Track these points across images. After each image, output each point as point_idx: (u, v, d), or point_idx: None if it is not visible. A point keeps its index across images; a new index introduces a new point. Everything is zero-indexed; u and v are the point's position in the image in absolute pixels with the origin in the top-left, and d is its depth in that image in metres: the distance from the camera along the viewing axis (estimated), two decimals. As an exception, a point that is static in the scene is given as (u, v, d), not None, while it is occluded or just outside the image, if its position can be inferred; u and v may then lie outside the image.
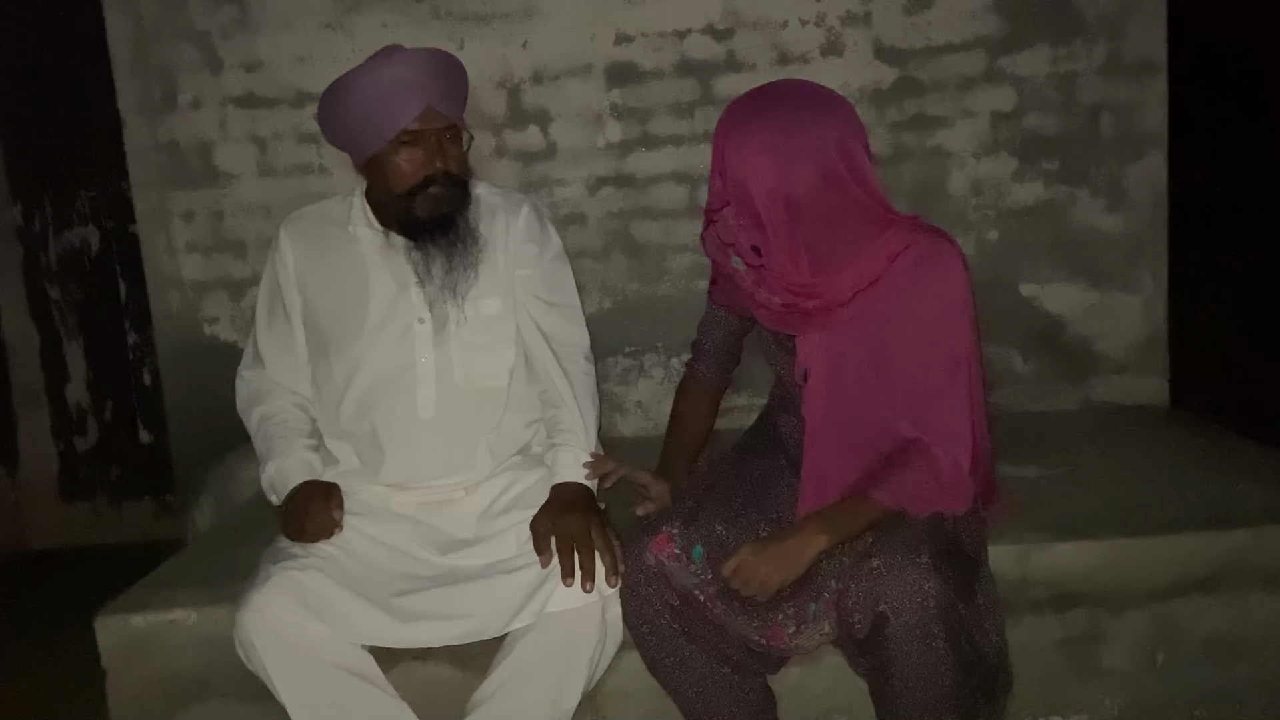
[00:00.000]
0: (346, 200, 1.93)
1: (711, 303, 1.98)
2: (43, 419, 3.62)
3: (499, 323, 1.87)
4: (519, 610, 1.65)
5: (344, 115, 1.76)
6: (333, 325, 1.86)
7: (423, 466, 1.85)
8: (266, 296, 1.95)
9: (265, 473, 1.86)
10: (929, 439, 1.65)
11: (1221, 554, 1.84)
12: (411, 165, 1.75)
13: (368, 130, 1.74)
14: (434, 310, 1.82)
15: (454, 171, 1.78)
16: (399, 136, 1.73)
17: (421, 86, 1.73)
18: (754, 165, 1.61)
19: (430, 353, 1.83)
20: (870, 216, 1.65)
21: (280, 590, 1.63)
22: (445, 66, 1.78)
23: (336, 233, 1.90)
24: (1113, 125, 2.68)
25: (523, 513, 1.78)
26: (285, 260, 1.91)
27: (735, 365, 2.02)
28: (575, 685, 1.66)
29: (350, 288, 1.86)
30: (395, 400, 1.83)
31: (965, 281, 1.66)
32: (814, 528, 1.61)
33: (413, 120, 1.72)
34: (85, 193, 3.52)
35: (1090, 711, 1.87)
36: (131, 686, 1.85)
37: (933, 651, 1.48)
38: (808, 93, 1.68)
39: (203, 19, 2.68)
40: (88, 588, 2.20)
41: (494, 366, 1.87)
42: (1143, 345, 2.75)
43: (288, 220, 1.95)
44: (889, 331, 1.67)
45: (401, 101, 1.72)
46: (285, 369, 1.93)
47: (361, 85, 1.73)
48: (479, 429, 1.87)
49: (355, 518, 1.80)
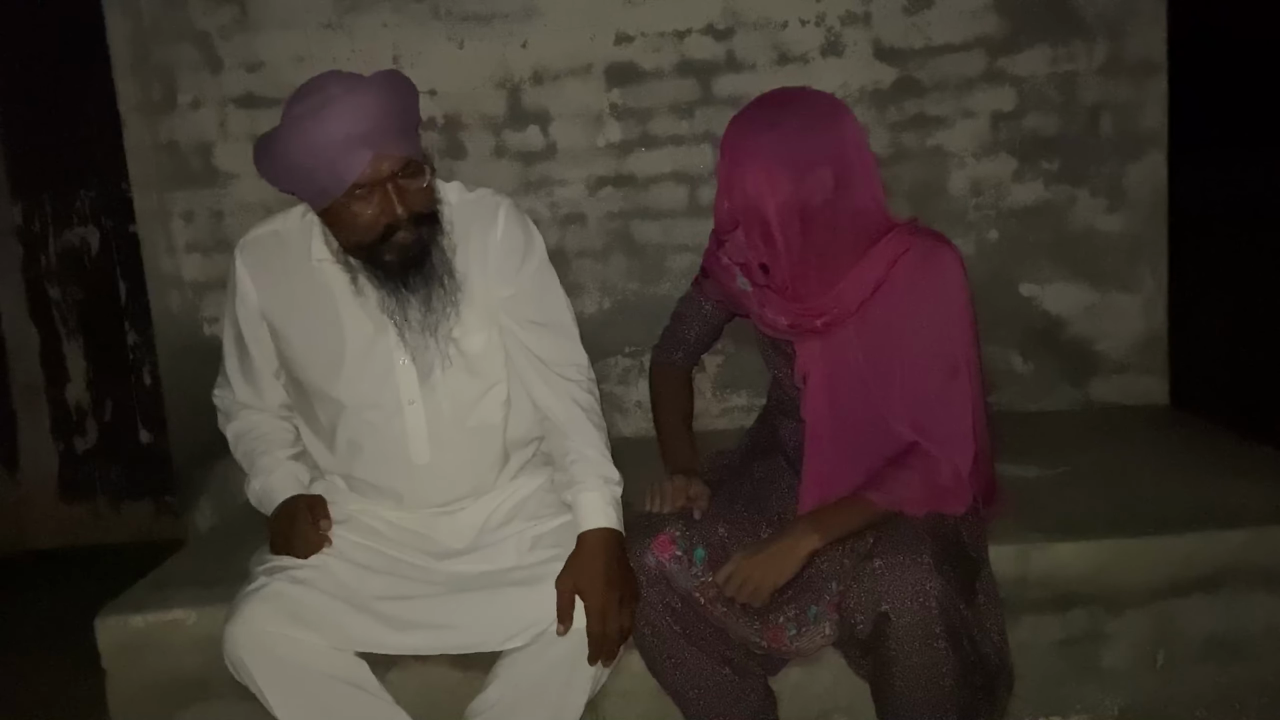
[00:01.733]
0: (305, 220, 1.74)
1: (699, 294, 1.98)
2: (43, 419, 3.61)
3: (486, 358, 1.75)
4: (516, 630, 1.62)
5: (285, 171, 1.59)
6: (308, 364, 1.74)
7: (420, 501, 1.79)
8: (231, 330, 1.81)
9: (251, 489, 1.80)
10: (928, 443, 1.65)
11: (1221, 554, 1.84)
12: (370, 215, 1.58)
13: (312, 187, 1.58)
14: (415, 353, 1.69)
15: (419, 210, 1.62)
16: (350, 191, 1.56)
17: (364, 137, 1.54)
18: (770, 179, 1.59)
19: (418, 395, 1.72)
20: (872, 221, 1.66)
21: (266, 603, 1.59)
22: (390, 102, 1.58)
23: (298, 262, 1.73)
24: (1113, 125, 2.68)
25: (524, 523, 1.75)
26: (245, 293, 1.76)
27: (704, 353, 2.05)
28: (578, 700, 1.64)
29: (321, 324, 1.72)
30: (387, 447, 1.74)
31: (964, 285, 1.67)
32: (806, 527, 1.62)
33: (360, 173, 1.55)
34: (85, 193, 3.52)
35: (1090, 711, 1.87)
36: (131, 686, 1.85)
37: (934, 651, 1.48)
38: (812, 100, 1.68)
39: (203, 19, 2.68)
40: (88, 588, 2.21)
41: (487, 403, 1.77)
42: (1143, 345, 2.75)
43: (242, 246, 1.77)
44: (889, 335, 1.67)
45: (345, 156, 1.53)
46: (254, 398, 1.84)
47: (299, 142, 1.55)
48: (479, 465, 1.79)
49: (345, 528, 1.74)
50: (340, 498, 1.80)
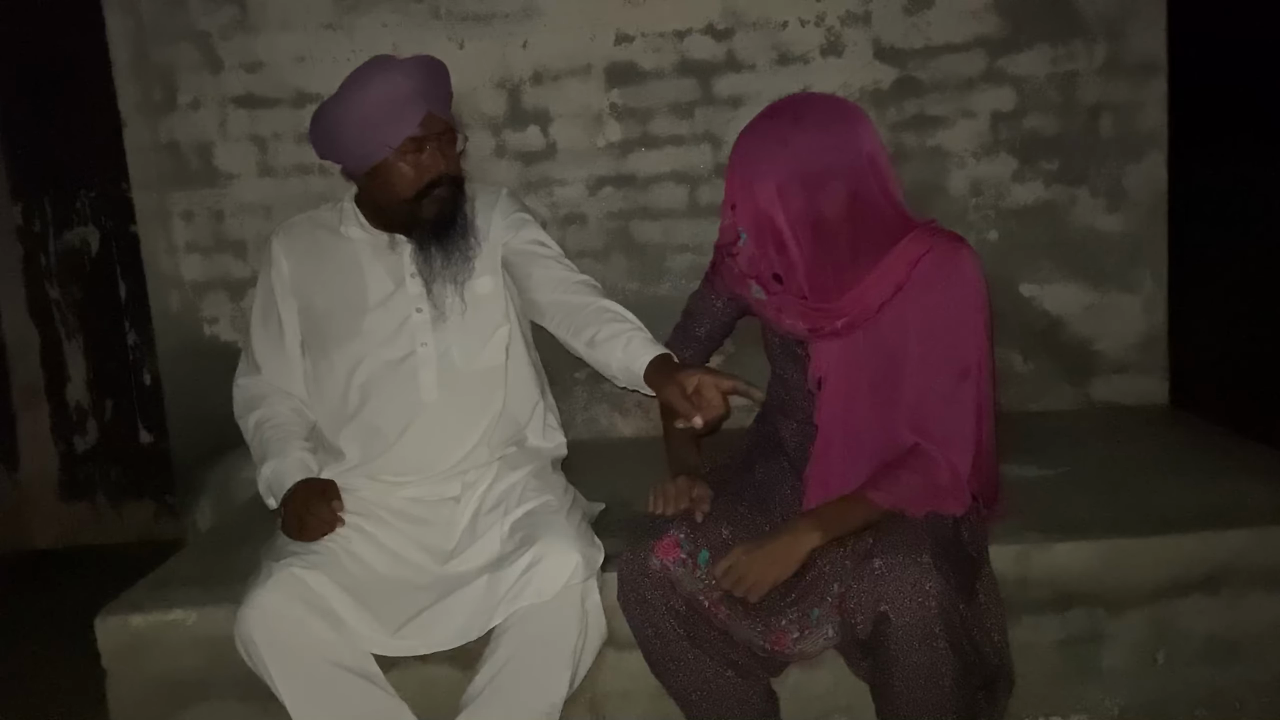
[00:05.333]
0: (336, 207, 1.99)
1: (710, 291, 1.97)
2: (43, 419, 3.62)
3: (492, 301, 1.93)
4: (493, 610, 1.67)
5: (344, 127, 1.80)
6: (330, 323, 1.91)
7: (425, 453, 1.87)
8: (261, 304, 1.99)
9: (261, 474, 1.87)
10: (929, 443, 1.65)
11: (1221, 554, 1.84)
12: (416, 170, 1.80)
13: (371, 140, 1.78)
14: (431, 300, 1.88)
15: (454, 173, 1.85)
16: (403, 145, 1.78)
17: (422, 94, 1.79)
18: (783, 195, 1.59)
19: (430, 338, 1.88)
20: (890, 224, 1.65)
21: (282, 588, 1.64)
22: (438, 72, 1.86)
23: (328, 237, 1.96)
24: (1113, 125, 2.68)
25: (505, 514, 1.80)
26: (280, 269, 1.96)
27: (716, 350, 2.05)
28: (561, 676, 1.66)
29: (346, 286, 1.92)
30: (397, 387, 1.87)
31: (982, 287, 1.66)
32: (806, 525, 1.61)
33: (416, 127, 1.78)
34: (85, 193, 3.52)
35: (1090, 711, 1.87)
36: (131, 686, 1.85)
37: (934, 651, 1.48)
38: (825, 110, 1.65)
39: (203, 19, 2.68)
40: (88, 588, 2.20)
41: (491, 345, 1.92)
42: (1143, 345, 2.75)
43: (279, 230, 2.00)
44: (906, 338, 1.66)
45: (404, 109, 1.77)
46: (281, 373, 1.96)
47: (362, 97, 1.78)
48: (480, 411, 1.90)
49: (355, 516, 1.81)
50: (349, 483, 1.86)
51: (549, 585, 1.65)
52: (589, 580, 1.70)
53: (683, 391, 1.58)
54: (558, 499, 1.84)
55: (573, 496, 1.94)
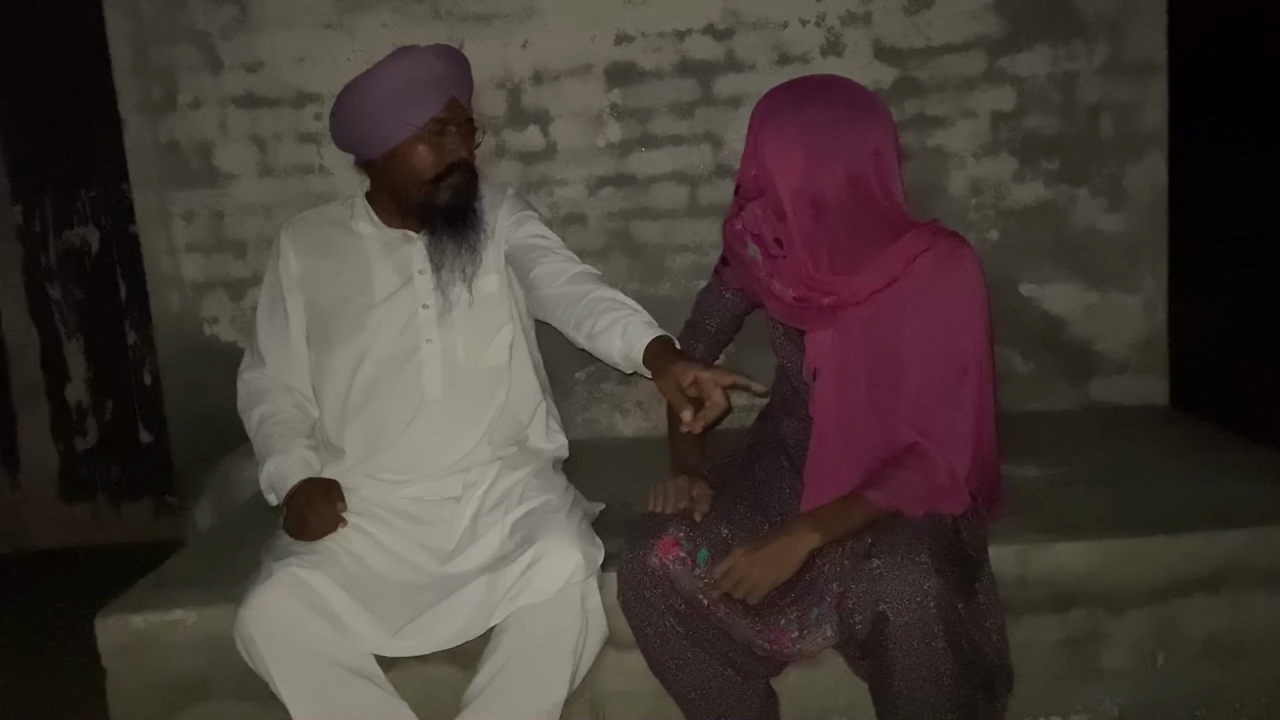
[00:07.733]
0: (346, 203, 2.01)
1: (720, 284, 1.98)
2: (43, 419, 3.62)
3: (497, 300, 1.95)
4: (493, 609, 1.67)
5: (368, 107, 1.80)
6: (337, 317, 1.91)
7: (426, 450, 1.87)
8: (268, 298, 2.00)
9: (264, 471, 1.88)
10: (928, 442, 1.65)
11: (1221, 554, 1.84)
12: (436, 153, 1.82)
13: (396, 118, 1.79)
14: (438, 295, 1.89)
15: (471, 161, 1.88)
16: (427, 125, 1.79)
17: (448, 77, 1.83)
18: (785, 161, 1.61)
19: (435, 334, 1.89)
20: (889, 221, 1.66)
21: (282, 587, 1.64)
22: (464, 63, 1.89)
23: (337, 232, 1.97)
24: (1113, 125, 2.68)
25: (505, 512, 1.80)
26: (287, 262, 1.96)
27: (727, 345, 2.04)
28: (561, 675, 1.66)
29: (353, 281, 1.92)
30: (401, 383, 1.88)
31: (981, 287, 1.66)
32: (806, 526, 1.61)
33: (441, 109, 1.80)
34: (85, 193, 3.52)
35: (1090, 711, 1.87)
36: (131, 686, 1.85)
37: (933, 651, 1.48)
38: (848, 93, 1.67)
39: (203, 19, 2.68)
40: (88, 588, 2.20)
41: (496, 344, 1.93)
42: (1143, 345, 2.75)
43: (288, 224, 2.01)
44: (902, 334, 1.67)
45: (431, 90, 1.80)
46: (286, 367, 1.96)
47: (392, 73, 1.80)
48: (483, 409, 1.90)
49: (357, 517, 1.81)
50: (351, 483, 1.86)
51: (549, 584, 1.65)
52: (589, 579, 1.70)
53: (677, 385, 1.54)
54: (558, 498, 1.84)
55: (573, 496, 1.94)
